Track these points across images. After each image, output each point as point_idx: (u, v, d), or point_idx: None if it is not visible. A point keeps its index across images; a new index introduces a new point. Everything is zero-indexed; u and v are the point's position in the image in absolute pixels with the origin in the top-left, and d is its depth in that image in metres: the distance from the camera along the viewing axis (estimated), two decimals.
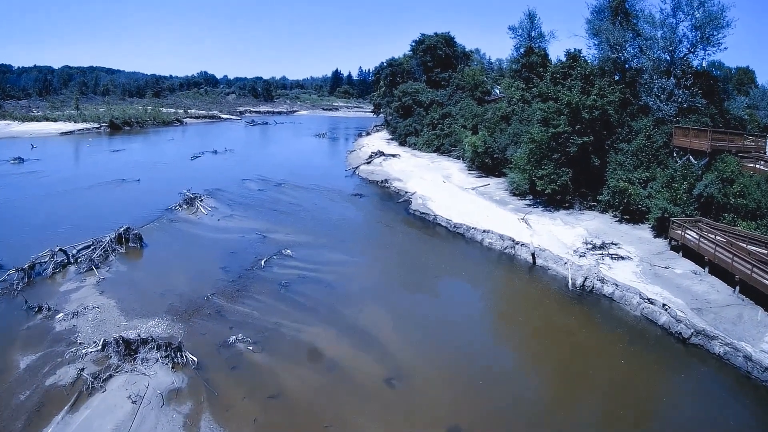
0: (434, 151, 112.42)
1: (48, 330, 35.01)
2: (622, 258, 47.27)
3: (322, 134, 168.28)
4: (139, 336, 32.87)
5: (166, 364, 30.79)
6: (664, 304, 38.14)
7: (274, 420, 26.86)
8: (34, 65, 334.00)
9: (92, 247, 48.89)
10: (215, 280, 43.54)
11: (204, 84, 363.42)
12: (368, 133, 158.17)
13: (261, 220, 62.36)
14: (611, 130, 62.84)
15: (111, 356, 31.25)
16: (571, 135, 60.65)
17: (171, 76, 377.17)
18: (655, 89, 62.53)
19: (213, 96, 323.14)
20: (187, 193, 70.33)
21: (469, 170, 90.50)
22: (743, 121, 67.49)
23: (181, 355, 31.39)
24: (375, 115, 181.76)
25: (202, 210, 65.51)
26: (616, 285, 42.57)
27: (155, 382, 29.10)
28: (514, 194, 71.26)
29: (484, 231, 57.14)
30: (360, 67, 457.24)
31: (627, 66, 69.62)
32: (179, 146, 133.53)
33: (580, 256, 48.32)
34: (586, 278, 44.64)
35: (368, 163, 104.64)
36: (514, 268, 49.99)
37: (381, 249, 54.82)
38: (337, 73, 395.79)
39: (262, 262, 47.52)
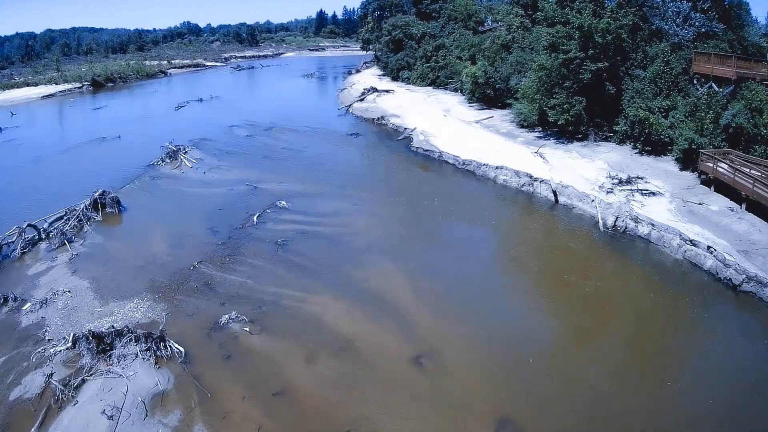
0: (429, 85, 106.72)
1: (14, 326, 29.78)
2: (653, 194, 42.14)
3: (310, 74, 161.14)
4: (113, 327, 27.44)
5: (148, 359, 25.57)
6: (708, 247, 33.33)
7: (283, 425, 21.67)
8: (16, 32, 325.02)
9: (65, 218, 43.63)
10: (202, 244, 38.22)
11: (188, 34, 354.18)
12: (358, 71, 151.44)
13: (251, 169, 56.85)
14: (625, 56, 57.35)
15: (83, 354, 26.01)
16: (583, 61, 55.02)
17: (154, 29, 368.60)
18: (669, 12, 57.25)
19: (197, 45, 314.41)
20: (170, 146, 64.56)
21: (470, 103, 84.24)
22: (761, 49, 61.81)
23: (165, 346, 26.20)
24: (364, 52, 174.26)
25: (187, 163, 59.97)
26: (653, 225, 37.61)
27: (135, 385, 23.84)
28: (522, 126, 65.52)
29: (497, 167, 51.66)
30: (344, 6, 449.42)
31: None
32: (163, 97, 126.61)
33: (607, 192, 43.21)
34: (617, 217, 39.60)
35: (361, 100, 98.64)
36: (535, 208, 44.76)
37: (385, 193, 49.08)
38: (321, 14, 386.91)
39: (255, 218, 42.22)
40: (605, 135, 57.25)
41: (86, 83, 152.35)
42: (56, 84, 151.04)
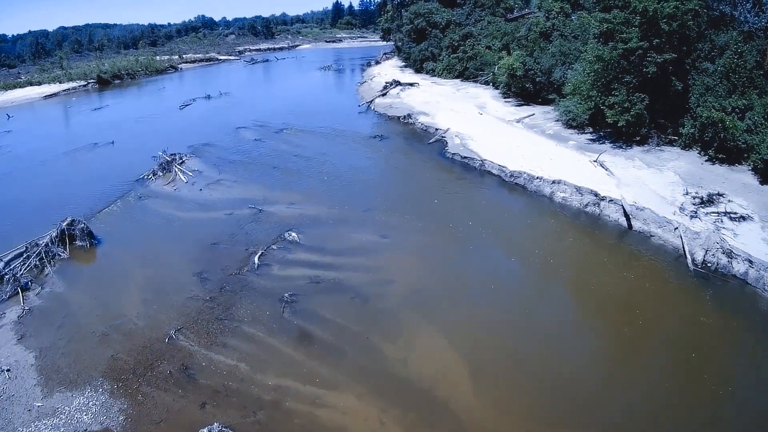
0: (457, 77, 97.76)
1: None
2: (743, 218, 33.04)
3: (327, 67, 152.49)
4: None
5: None
6: None
7: None
8: (29, 31, 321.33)
9: (25, 255, 35.28)
10: (185, 300, 29.31)
11: (202, 28, 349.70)
12: (378, 62, 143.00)
13: (256, 185, 47.97)
14: (690, 46, 48.17)
15: None
16: (647, 52, 46.06)
17: (169, 24, 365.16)
18: None
19: (212, 39, 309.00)
20: (163, 156, 55.70)
21: (505, 98, 74.88)
22: None
23: None
24: (384, 42, 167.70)
25: (181, 177, 51.09)
26: (750, 262, 28.68)
27: None
28: (570, 126, 56.12)
29: (553, 182, 42.46)
30: None
31: None
32: (170, 95, 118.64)
33: (691, 216, 34.05)
34: (706, 251, 30.56)
35: (383, 95, 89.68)
36: (605, 237, 35.27)
37: (420, 218, 39.38)
38: (337, 5, 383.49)
39: (256, 259, 33.08)
40: (669, 138, 48.14)
41: (92, 81, 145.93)
42: (60, 82, 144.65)
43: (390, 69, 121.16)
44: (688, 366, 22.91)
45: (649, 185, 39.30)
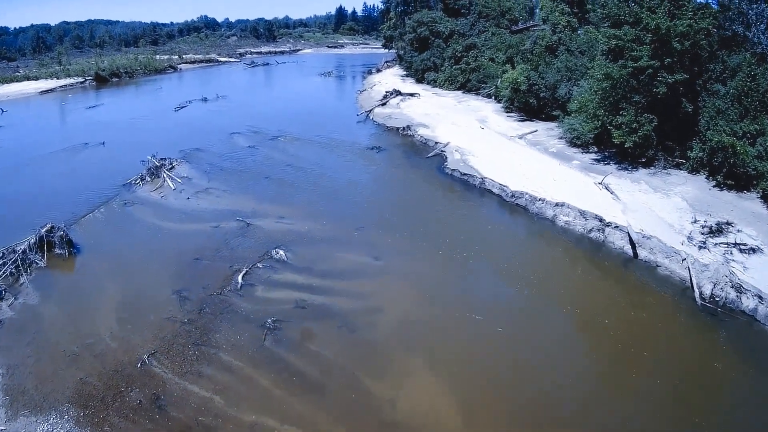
0: (458, 89, 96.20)
1: None
2: (753, 250, 31.44)
3: (327, 73, 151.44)
4: None
5: None
6: None
7: None
8: (31, 24, 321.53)
9: (1, 261, 33.76)
10: (162, 321, 27.63)
11: (204, 28, 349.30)
12: (379, 70, 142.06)
13: (246, 196, 46.35)
14: (702, 67, 46.73)
15: None
16: (657, 71, 44.48)
17: (171, 23, 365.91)
18: (752, 15, 46.79)
19: (213, 40, 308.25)
20: (153, 160, 54.04)
21: (507, 112, 73.32)
22: None
23: None
24: (386, 50, 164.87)
25: (169, 183, 49.50)
26: (760, 297, 27.20)
27: None
28: (574, 145, 54.63)
29: (556, 205, 40.81)
30: (364, 2, 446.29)
31: None
32: (166, 95, 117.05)
33: (699, 247, 32.39)
34: (714, 284, 29.01)
35: (383, 104, 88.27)
36: (610, 266, 33.50)
37: (415, 239, 37.51)
38: (341, 10, 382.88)
39: (240, 278, 31.34)
40: (675, 161, 46.73)
41: (89, 78, 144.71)
42: (57, 78, 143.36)
43: (391, 78, 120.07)
44: (691, 410, 21.38)
45: (656, 211, 37.82)
